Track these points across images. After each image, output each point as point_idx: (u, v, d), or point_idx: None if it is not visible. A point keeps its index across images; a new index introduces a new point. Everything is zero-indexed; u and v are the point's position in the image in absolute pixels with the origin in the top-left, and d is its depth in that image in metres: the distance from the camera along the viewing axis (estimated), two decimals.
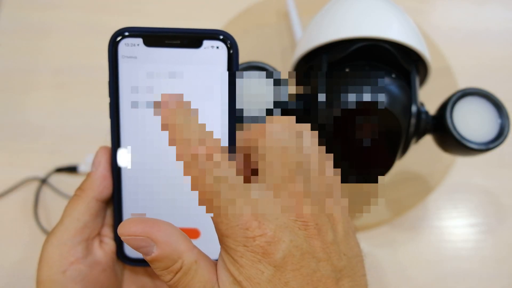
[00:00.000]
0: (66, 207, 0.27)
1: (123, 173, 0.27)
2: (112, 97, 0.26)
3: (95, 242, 0.28)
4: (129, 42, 0.26)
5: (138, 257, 0.29)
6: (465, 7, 0.57)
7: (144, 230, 0.21)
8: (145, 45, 0.26)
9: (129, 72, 0.26)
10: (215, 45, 0.26)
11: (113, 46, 0.26)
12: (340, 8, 0.38)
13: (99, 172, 0.27)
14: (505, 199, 0.46)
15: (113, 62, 0.26)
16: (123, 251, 0.28)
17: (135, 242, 0.21)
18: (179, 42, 0.26)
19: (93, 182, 0.27)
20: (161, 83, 0.26)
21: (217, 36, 0.26)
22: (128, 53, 0.26)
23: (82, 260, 0.26)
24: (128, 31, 0.26)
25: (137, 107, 0.26)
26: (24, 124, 0.47)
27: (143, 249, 0.21)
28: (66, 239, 0.26)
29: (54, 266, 0.25)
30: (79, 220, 0.26)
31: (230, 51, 0.26)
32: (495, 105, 0.36)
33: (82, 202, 0.26)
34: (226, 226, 0.20)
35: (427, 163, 0.46)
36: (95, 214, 0.27)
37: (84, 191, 0.27)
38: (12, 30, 0.52)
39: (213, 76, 0.26)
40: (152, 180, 0.27)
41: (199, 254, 0.22)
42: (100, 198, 0.27)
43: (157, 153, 0.27)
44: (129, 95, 0.26)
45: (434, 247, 0.44)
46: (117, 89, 0.26)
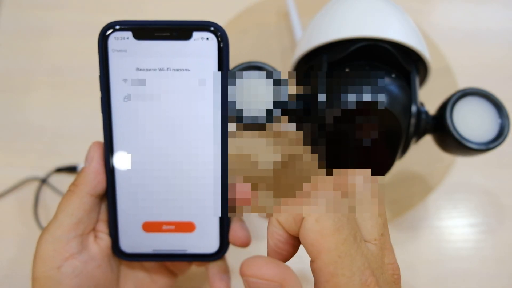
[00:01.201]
0: (60, 203, 0.27)
1: (116, 168, 0.27)
2: (103, 91, 0.27)
3: (90, 238, 0.27)
4: (118, 35, 0.26)
5: (134, 252, 0.29)
6: (465, 7, 0.57)
7: (280, 277, 0.19)
8: (134, 38, 0.26)
9: (119, 66, 0.26)
10: (205, 36, 0.26)
11: (103, 40, 0.26)
12: (340, 8, 0.38)
13: (92, 167, 0.27)
14: (505, 199, 0.46)
15: (104, 56, 0.26)
16: (118, 246, 0.28)
17: (263, 286, 0.19)
18: (169, 34, 0.26)
19: (86, 177, 0.27)
20: (152, 75, 0.26)
21: (207, 27, 0.26)
22: (118, 47, 0.26)
23: (77, 256, 0.26)
24: (117, 24, 0.26)
25: (129, 100, 0.26)
26: (24, 124, 0.47)
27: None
28: (61, 234, 0.26)
29: (49, 262, 0.25)
30: (73, 216, 0.26)
31: (220, 43, 0.26)
32: (495, 105, 0.36)
33: (76, 197, 0.26)
34: (347, 279, 0.19)
35: (427, 163, 0.46)
36: (89, 209, 0.27)
37: (78, 186, 0.27)
38: (12, 30, 0.52)
39: (204, 68, 0.26)
40: (146, 174, 0.27)
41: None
42: (94, 193, 0.27)
43: (151, 147, 0.27)
44: (120, 89, 0.26)
45: (434, 247, 0.44)
46: (108, 83, 0.26)
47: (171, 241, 0.28)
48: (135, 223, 0.28)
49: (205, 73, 0.26)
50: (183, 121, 0.26)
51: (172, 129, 0.27)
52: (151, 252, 0.29)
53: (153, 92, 0.26)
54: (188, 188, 0.27)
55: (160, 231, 0.28)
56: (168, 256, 0.29)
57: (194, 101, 0.26)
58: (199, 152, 0.27)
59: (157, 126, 0.27)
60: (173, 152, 0.27)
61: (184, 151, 0.27)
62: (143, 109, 0.26)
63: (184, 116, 0.26)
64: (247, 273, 0.19)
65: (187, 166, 0.27)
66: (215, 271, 0.29)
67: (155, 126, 0.27)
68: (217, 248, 0.29)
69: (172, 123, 0.26)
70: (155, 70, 0.26)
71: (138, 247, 0.28)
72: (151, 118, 0.26)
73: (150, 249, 0.28)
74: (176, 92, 0.26)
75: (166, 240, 0.28)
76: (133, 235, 0.28)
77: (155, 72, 0.26)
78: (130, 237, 0.28)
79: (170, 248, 0.28)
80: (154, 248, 0.28)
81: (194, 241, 0.28)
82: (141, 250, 0.28)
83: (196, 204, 0.28)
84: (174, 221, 0.28)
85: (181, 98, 0.26)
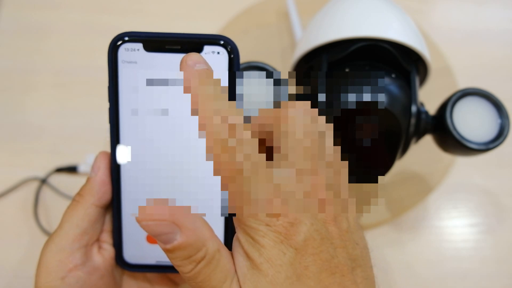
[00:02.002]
0: (64, 213, 0.27)
1: (122, 178, 0.27)
2: (111, 103, 0.26)
3: (94, 248, 0.27)
4: (129, 47, 0.26)
5: (137, 263, 0.29)
6: (465, 7, 0.57)
7: (170, 215, 0.19)
8: (145, 50, 0.26)
9: (129, 77, 0.26)
10: (215, 50, 0.26)
11: (113, 51, 0.26)
12: (340, 8, 0.38)
13: (98, 177, 0.27)
14: (505, 199, 0.46)
15: (113, 67, 0.26)
16: (122, 256, 0.28)
17: (157, 228, 0.19)
18: (180, 47, 0.25)
19: (92, 187, 0.27)
20: (162, 88, 0.26)
21: (218, 42, 0.26)
22: (128, 58, 0.26)
23: (81, 267, 0.26)
24: (128, 35, 0.25)
25: (137, 114, 0.26)
26: (24, 124, 0.47)
27: (164, 236, 0.19)
28: (65, 245, 0.26)
29: (53, 272, 0.25)
30: (78, 227, 0.26)
31: (231, 56, 0.26)
32: (495, 105, 0.36)
33: (81, 208, 0.26)
34: (248, 203, 0.19)
35: (427, 163, 0.46)
36: (94, 220, 0.27)
37: (83, 196, 0.27)
38: (12, 30, 0.52)
39: None
40: (152, 186, 0.27)
41: (220, 243, 0.21)
42: (99, 204, 0.27)
43: (158, 159, 0.27)
44: (129, 101, 0.26)
45: (434, 247, 0.44)
46: (117, 94, 0.26)
47: None
48: (139, 235, 0.28)
49: None
50: (191, 134, 0.26)
51: (180, 142, 0.26)
52: (155, 264, 0.28)
53: (162, 104, 0.26)
54: (194, 200, 0.27)
55: None
56: (171, 268, 0.28)
57: None
58: (206, 165, 0.27)
59: (165, 139, 0.26)
60: (179, 165, 0.27)
61: (190, 164, 0.27)
62: (151, 121, 0.26)
63: (192, 129, 0.26)
64: (139, 218, 0.19)
65: (194, 180, 0.27)
66: None
67: (162, 138, 0.26)
68: None
69: (179, 136, 0.26)
70: (165, 84, 0.26)
71: (141, 258, 0.28)
72: (159, 131, 0.26)
73: (154, 260, 0.28)
74: (185, 105, 0.26)
75: None
76: (137, 246, 0.28)
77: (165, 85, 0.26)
78: (134, 248, 0.28)
79: None
80: (157, 259, 0.28)
81: None
82: (144, 261, 0.28)
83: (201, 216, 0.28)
84: None
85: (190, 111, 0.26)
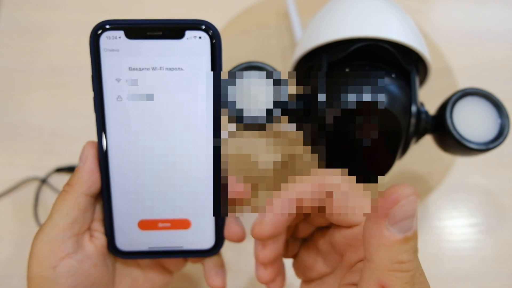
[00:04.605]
0: (54, 203, 0.27)
1: (111, 167, 0.27)
2: (96, 91, 0.26)
3: (85, 237, 0.27)
4: (110, 35, 0.26)
5: (129, 250, 0.29)
6: (465, 7, 0.57)
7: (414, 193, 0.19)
8: (126, 37, 0.26)
9: (112, 65, 0.26)
10: (197, 35, 0.26)
11: (95, 40, 0.26)
12: (340, 8, 0.38)
13: (87, 167, 0.27)
14: (505, 199, 0.46)
15: (96, 55, 0.26)
16: (114, 244, 0.28)
17: (408, 208, 0.19)
18: (161, 33, 0.25)
19: (80, 177, 0.27)
20: (145, 75, 0.26)
21: (199, 26, 0.26)
22: (110, 46, 0.26)
23: (73, 255, 0.26)
24: (109, 23, 0.26)
25: (121, 101, 0.26)
26: (24, 124, 0.47)
27: (407, 222, 0.19)
28: (56, 234, 0.26)
29: (45, 262, 0.25)
30: (68, 216, 0.26)
31: (213, 41, 0.26)
32: (495, 105, 0.36)
33: (70, 197, 0.26)
34: None
35: (427, 163, 0.46)
36: (84, 209, 0.27)
37: (72, 186, 0.27)
38: (12, 30, 0.52)
39: (197, 67, 0.26)
40: (140, 172, 0.27)
41: None
42: (89, 193, 0.27)
43: (144, 146, 0.27)
44: (113, 89, 0.26)
45: (434, 247, 0.44)
46: (100, 82, 0.26)
47: (166, 238, 0.28)
48: (130, 222, 0.28)
49: (198, 71, 0.26)
50: (177, 120, 0.26)
51: (166, 128, 0.27)
52: (147, 250, 0.29)
53: (146, 91, 0.26)
54: (183, 185, 0.27)
55: (156, 229, 0.28)
56: (164, 253, 0.29)
57: (187, 100, 0.26)
58: (192, 150, 0.27)
59: (151, 125, 0.27)
60: (166, 150, 0.27)
61: (177, 149, 0.27)
62: (136, 108, 0.26)
63: (177, 115, 0.26)
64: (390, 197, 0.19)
65: (181, 164, 0.27)
66: (211, 266, 0.30)
67: (148, 125, 0.27)
68: (213, 244, 0.29)
69: (165, 122, 0.27)
70: (148, 69, 0.26)
71: (134, 245, 0.29)
72: (144, 117, 0.27)
73: (146, 247, 0.29)
74: (169, 91, 0.26)
75: (162, 238, 0.28)
76: (128, 233, 0.28)
77: (147, 71, 0.26)
78: (125, 235, 0.28)
79: (166, 245, 0.29)
80: (150, 245, 0.29)
81: (189, 237, 0.28)
82: (137, 247, 0.29)
83: (191, 201, 0.28)
84: (169, 219, 0.28)
85: (174, 97, 0.26)
